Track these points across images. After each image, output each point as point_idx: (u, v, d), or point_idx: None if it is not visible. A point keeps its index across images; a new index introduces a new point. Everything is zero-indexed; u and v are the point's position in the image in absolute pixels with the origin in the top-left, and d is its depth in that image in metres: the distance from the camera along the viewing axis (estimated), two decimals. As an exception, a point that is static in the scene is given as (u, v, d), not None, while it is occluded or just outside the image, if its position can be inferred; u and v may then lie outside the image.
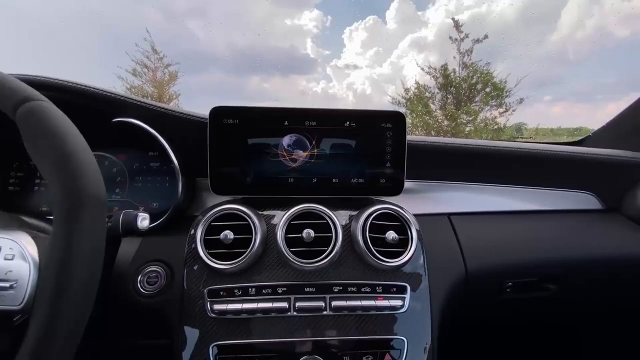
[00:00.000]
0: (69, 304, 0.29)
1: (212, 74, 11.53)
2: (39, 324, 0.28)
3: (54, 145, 0.30)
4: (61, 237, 0.29)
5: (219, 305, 0.46)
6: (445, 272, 0.55)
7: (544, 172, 0.69)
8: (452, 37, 6.01)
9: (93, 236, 0.31)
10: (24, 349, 0.28)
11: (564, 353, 0.97)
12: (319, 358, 0.44)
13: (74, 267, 0.29)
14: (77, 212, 0.30)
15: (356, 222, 0.51)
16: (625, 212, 0.68)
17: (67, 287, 0.28)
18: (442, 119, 5.88)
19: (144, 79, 5.31)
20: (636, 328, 0.83)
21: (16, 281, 0.30)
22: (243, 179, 0.55)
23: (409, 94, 6.29)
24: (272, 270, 0.49)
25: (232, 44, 10.94)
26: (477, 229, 0.62)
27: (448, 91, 6.07)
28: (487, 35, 5.82)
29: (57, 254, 0.29)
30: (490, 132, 5.54)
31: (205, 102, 11.03)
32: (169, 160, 0.58)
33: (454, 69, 6.07)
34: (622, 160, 0.69)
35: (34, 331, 0.28)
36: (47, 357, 0.28)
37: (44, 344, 0.27)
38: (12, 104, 0.32)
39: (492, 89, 5.82)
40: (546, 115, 11.11)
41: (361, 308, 0.47)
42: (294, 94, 11.53)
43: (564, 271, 0.62)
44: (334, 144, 0.56)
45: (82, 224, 0.30)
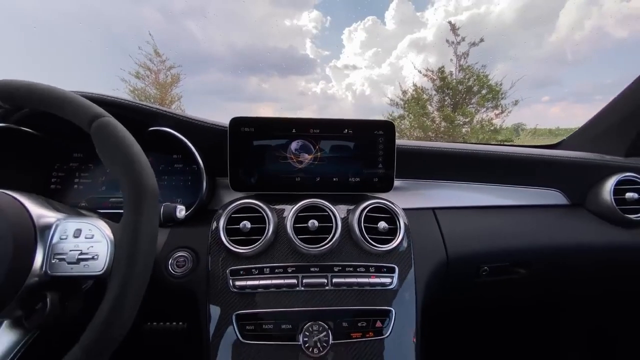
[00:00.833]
0: (137, 271, 0.38)
1: (211, 74, 11.58)
2: (116, 285, 0.37)
3: (122, 153, 0.40)
4: (131, 221, 0.39)
5: (239, 281, 0.56)
6: (429, 257, 0.65)
7: (518, 173, 0.79)
8: (448, 40, 6.13)
9: (152, 220, 0.40)
10: (105, 303, 0.37)
11: (535, 333, 1.07)
12: (321, 323, 0.53)
13: (140, 243, 0.39)
14: (141, 202, 0.39)
15: (353, 214, 0.61)
16: (588, 207, 0.78)
17: (136, 257, 0.38)
18: (440, 120, 6.00)
19: (147, 82, 5.41)
20: (597, 309, 0.94)
21: (97, 254, 0.40)
22: (257, 178, 0.65)
23: (406, 96, 6.42)
24: (283, 254, 0.58)
25: (231, 44, 11.00)
26: (458, 221, 0.72)
27: (445, 93, 6.19)
28: (483, 39, 5.94)
29: (128, 233, 0.38)
30: (486, 133, 5.66)
31: (205, 102, 11.07)
32: (192, 162, 0.67)
33: (450, 71, 6.20)
34: (585, 162, 0.79)
35: (112, 290, 0.37)
36: (121, 309, 0.37)
37: (120, 299, 0.37)
38: (87, 120, 0.41)
39: (488, 91, 5.94)
40: (545, 116, 11.20)
41: (357, 284, 0.57)
42: (293, 94, 11.60)
43: (533, 257, 0.72)
44: (334, 148, 0.66)
45: (144, 211, 0.39)
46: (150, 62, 5.43)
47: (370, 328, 0.55)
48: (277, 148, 0.65)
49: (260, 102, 11.46)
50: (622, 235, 0.73)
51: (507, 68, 10.43)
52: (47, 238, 0.41)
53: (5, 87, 0.42)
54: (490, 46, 12.47)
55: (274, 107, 12.85)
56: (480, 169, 0.77)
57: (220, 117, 0.68)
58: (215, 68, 11.91)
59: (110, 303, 0.37)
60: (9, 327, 0.40)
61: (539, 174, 0.79)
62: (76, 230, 0.41)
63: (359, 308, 0.56)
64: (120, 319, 0.37)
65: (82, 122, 0.42)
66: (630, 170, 0.76)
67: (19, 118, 0.62)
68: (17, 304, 0.39)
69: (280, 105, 12.25)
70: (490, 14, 11.62)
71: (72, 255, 0.40)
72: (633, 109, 0.84)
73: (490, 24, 10.77)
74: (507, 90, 5.78)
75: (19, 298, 0.38)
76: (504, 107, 5.84)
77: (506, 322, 1.08)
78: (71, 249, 0.40)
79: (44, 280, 0.40)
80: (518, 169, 0.78)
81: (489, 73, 5.96)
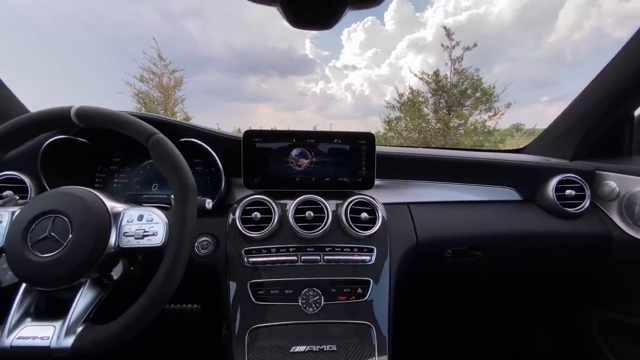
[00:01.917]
0: (184, 243, 0.54)
1: (210, 75, 11.67)
2: (171, 253, 0.53)
3: (172, 161, 0.56)
4: (179, 209, 0.55)
5: (252, 258, 0.72)
6: (402, 241, 0.81)
7: (479, 174, 0.95)
8: (443, 45, 6.31)
9: (193, 209, 0.57)
10: (163, 265, 0.53)
11: (492, 309, 1.26)
12: (316, 289, 0.70)
13: (186, 224, 0.55)
14: (187, 196, 0.56)
15: (341, 207, 0.77)
16: (537, 202, 0.95)
17: (184, 234, 0.54)
18: (435, 122, 6.17)
19: (151, 85, 5.58)
20: (543, 287, 1.11)
21: (156, 232, 0.56)
22: (265, 178, 0.81)
23: (402, 99, 6.59)
24: (286, 237, 0.75)
25: (230, 44, 11.11)
26: (427, 213, 0.88)
27: (440, 96, 6.37)
28: (476, 44, 6.12)
29: (178, 218, 0.55)
30: (479, 135, 5.84)
31: (205, 101, 11.11)
32: (211, 165, 0.83)
33: (445, 74, 6.38)
34: (534, 165, 0.95)
35: (168, 256, 0.53)
36: (174, 269, 0.53)
37: (174, 263, 0.53)
38: (145, 137, 0.58)
39: (482, 94, 6.13)
40: (544, 116, 11.33)
41: (343, 261, 0.73)
42: (293, 94, 11.72)
43: (488, 243, 0.88)
44: (326, 154, 0.82)
45: (188, 202, 0.56)
46: (154, 66, 5.60)
47: (353, 293, 0.71)
48: (281, 154, 0.81)
49: (259, 102, 11.58)
50: (562, 225, 0.90)
51: (506, 68, 10.59)
52: (118, 221, 0.57)
53: (83, 112, 0.58)
54: (489, 47, 12.58)
55: (273, 107, 12.96)
56: (448, 171, 0.94)
57: (220, 117, 0.86)
58: (214, 68, 12.04)
59: (167, 265, 0.53)
60: (91, 285, 0.56)
61: (497, 175, 0.95)
62: (139, 216, 0.57)
63: (345, 278, 0.72)
64: (174, 276, 0.53)
65: (141, 138, 0.58)
66: (571, 172, 0.92)
67: (76, 132, 0.78)
68: (97, 269, 0.55)
69: (279, 105, 12.37)
70: (489, 14, 11.77)
71: (139, 232, 0.56)
72: (577, 118, 1.01)
73: (490, 24, 10.90)
74: (500, 94, 5.97)
75: (99, 265, 0.55)
76: (497, 110, 6.03)
77: (467, 298, 1.28)
78: (137, 228, 0.56)
79: (117, 252, 0.56)
80: (479, 171, 0.95)
81: (482, 77, 6.16)
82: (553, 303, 1.16)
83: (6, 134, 0.58)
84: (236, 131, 1.00)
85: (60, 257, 0.52)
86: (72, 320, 0.53)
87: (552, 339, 1.18)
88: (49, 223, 0.53)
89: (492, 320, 1.35)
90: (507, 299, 1.29)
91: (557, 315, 1.16)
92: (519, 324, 1.29)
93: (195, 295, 1.24)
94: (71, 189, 0.58)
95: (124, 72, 5.63)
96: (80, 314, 0.53)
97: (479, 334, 1.36)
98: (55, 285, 0.53)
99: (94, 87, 5.54)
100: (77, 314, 0.53)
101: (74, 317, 0.53)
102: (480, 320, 1.36)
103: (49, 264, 0.52)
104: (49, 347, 0.50)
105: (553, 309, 1.17)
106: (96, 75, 8.29)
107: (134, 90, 5.59)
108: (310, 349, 0.66)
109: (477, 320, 1.36)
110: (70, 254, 0.52)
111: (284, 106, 12.71)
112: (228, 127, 12.14)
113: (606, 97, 0.91)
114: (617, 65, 0.88)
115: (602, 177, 0.92)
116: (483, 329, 1.36)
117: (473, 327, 1.35)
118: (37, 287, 0.55)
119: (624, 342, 0.93)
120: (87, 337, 0.52)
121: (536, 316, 1.24)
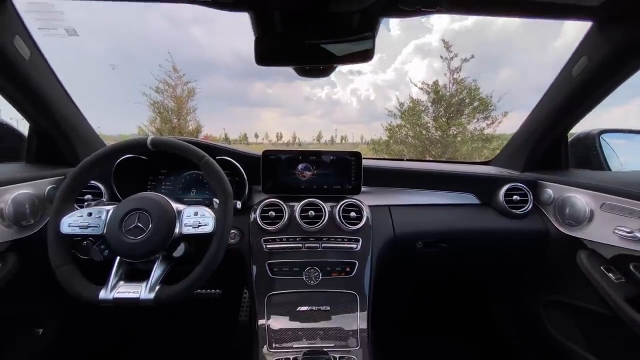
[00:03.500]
0: (226, 231, 0.80)
1: (216, 80, 12.03)
2: (217, 238, 0.79)
3: (217, 176, 0.83)
4: (223, 208, 0.81)
5: (269, 245, 0.98)
6: (382, 234, 1.06)
7: (446, 183, 1.20)
8: (442, 57, 6.58)
9: (231, 208, 0.82)
10: (212, 245, 0.79)
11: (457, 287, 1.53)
12: (316, 268, 0.95)
13: (227, 219, 0.81)
14: (227, 200, 0.82)
15: (335, 208, 1.03)
16: (492, 205, 1.19)
17: (226, 226, 0.80)
18: (434, 130, 6.42)
19: (165, 95, 5.93)
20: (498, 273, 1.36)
21: (207, 223, 0.82)
22: (278, 186, 1.07)
23: (403, 107, 6.86)
24: (293, 230, 1.00)
25: (238, 50, 11.48)
26: (403, 213, 1.13)
27: (440, 105, 6.63)
28: (473, 55, 6.37)
29: (221, 214, 0.81)
30: (476, 142, 6.07)
31: (212, 106, 11.48)
32: (236, 175, 1.09)
33: (444, 84, 6.65)
34: (490, 176, 1.20)
35: (215, 240, 0.79)
36: (219, 248, 0.79)
37: (219, 244, 0.79)
38: (198, 159, 0.84)
39: (480, 104, 6.37)
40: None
41: (337, 248, 0.98)
42: (299, 99, 12.01)
43: (451, 237, 1.13)
44: (324, 168, 1.08)
45: (228, 204, 0.82)
46: (169, 78, 5.96)
47: (343, 271, 0.97)
48: (290, 168, 1.07)
49: (265, 107, 11.89)
50: (511, 223, 1.14)
51: (512, 72, 10.73)
52: (181, 216, 0.83)
53: (156, 141, 0.85)
54: (495, 52, 12.70)
55: (279, 111, 13.27)
56: (421, 180, 1.19)
57: (226, 121, 1.12)
58: (222, 74, 12.44)
59: (215, 245, 0.79)
60: (162, 260, 0.82)
61: (460, 184, 1.20)
62: (195, 212, 0.83)
63: (337, 260, 0.98)
64: (219, 253, 0.79)
65: (196, 159, 0.85)
66: (518, 181, 1.17)
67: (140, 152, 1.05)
68: (166, 248, 0.81)
69: (284, 110, 12.67)
70: (495, 19, 12.01)
71: (195, 223, 0.82)
72: (526, 137, 1.25)
73: (496, 29, 11.08)
74: (496, 103, 6.20)
75: (168, 246, 0.81)
76: (494, 118, 6.26)
77: (437, 279, 1.57)
78: (194, 221, 0.82)
79: (180, 237, 0.82)
80: (446, 180, 1.20)
81: (480, 86, 6.41)
82: (506, 286, 1.41)
83: (104, 156, 0.86)
84: (242, 136, 1.29)
85: (144, 240, 0.78)
86: (152, 282, 0.78)
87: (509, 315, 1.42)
88: (136, 217, 0.80)
89: (456, 294, 1.65)
90: (469, 281, 1.56)
91: (512, 296, 1.40)
92: (481, 301, 1.56)
93: (219, 281, 1.50)
94: (150, 194, 0.84)
95: (141, 84, 6.01)
96: (157, 278, 0.79)
97: (446, 306, 1.66)
98: (140, 259, 0.79)
99: (114, 98, 5.87)
100: (155, 278, 0.79)
101: (153, 280, 0.79)
102: (447, 295, 1.65)
103: (137, 244, 0.78)
104: (138, 298, 0.76)
105: (507, 291, 1.41)
106: (115, 87, 8.72)
107: (149, 100, 5.96)
108: (311, 308, 0.91)
109: (444, 295, 1.65)
110: (150, 238, 0.78)
111: (290, 111, 13.05)
112: (234, 132, 12.12)
113: (545, 120, 1.16)
114: (552, 93, 1.12)
115: (542, 185, 1.16)
116: (450, 302, 1.66)
117: (441, 300, 1.65)
118: (128, 260, 0.81)
119: (562, 318, 1.17)
120: (163, 293, 0.77)
121: (495, 296, 1.50)
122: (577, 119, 1.10)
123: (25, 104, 0.95)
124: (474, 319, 1.62)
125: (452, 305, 1.65)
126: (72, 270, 0.78)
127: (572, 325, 1.14)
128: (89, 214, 0.82)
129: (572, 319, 1.14)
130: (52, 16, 0.75)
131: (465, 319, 1.64)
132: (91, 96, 8.16)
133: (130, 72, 11.87)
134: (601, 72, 0.88)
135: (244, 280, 1.00)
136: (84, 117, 1.14)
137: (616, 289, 0.92)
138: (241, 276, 1.05)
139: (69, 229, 0.80)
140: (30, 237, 0.95)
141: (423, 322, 1.65)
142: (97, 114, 0.94)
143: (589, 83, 0.93)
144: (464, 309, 1.65)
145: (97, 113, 1.17)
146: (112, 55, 10.37)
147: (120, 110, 6.08)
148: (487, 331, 1.56)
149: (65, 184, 0.83)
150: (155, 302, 0.76)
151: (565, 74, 1.00)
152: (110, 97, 8.60)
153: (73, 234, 0.81)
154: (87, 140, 1.15)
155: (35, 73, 0.89)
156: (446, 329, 1.62)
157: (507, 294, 1.45)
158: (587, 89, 0.96)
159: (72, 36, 0.81)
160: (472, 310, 1.63)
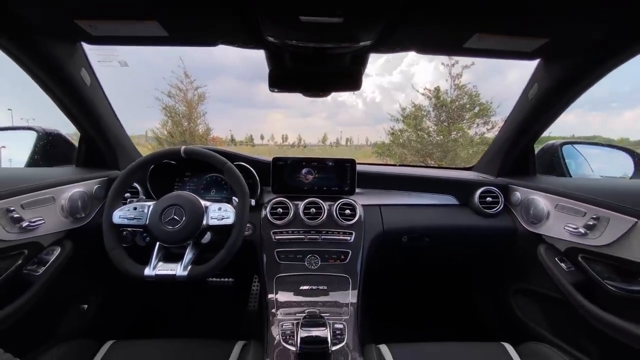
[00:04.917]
0: (244, 224, 1.00)
1: (222, 82, 12.28)
2: (237, 229, 0.99)
3: (237, 179, 1.03)
4: (241, 205, 1.01)
5: (277, 236, 1.18)
6: (372, 229, 1.26)
7: (429, 186, 1.39)
8: (444, 63, 6.76)
9: (247, 205, 1.03)
10: (233, 234, 0.99)
11: (439, 280, 1.75)
12: (316, 255, 1.15)
13: (244, 213, 1.01)
14: (245, 198, 1.02)
15: (333, 206, 1.22)
16: (469, 206, 1.38)
17: (243, 219, 1.00)
18: (435, 134, 6.59)
19: (176, 99, 6.20)
20: (474, 264, 1.55)
21: (229, 217, 1.02)
22: (285, 187, 1.28)
23: (405, 112, 7.05)
24: (297, 224, 1.20)
25: (245, 54, 11.68)
26: (392, 212, 1.33)
27: (441, 110, 6.80)
28: (474, 62, 6.52)
29: (240, 209, 1.01)
30: (475, 146, 6.22)
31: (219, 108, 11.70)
32: (249, 178, 1.30)
33: (446, 90, 6.82)
34: (468, 181, 1.39)
35: (235, 230, 0.99)
36: (238, 238, 0.99)
37: (238, 233, 0.99)
38: (221, 165, 1.05)
39: (480, 109, 6.53)
40: (558, 125, 11.54)
41: (334, 239, 1.18)
42: (304, 101, 12.17)
43: (433, 232, 1.32)
44: (324, 172, 1.28)
45: (245, 201, 1.02)
46: (181, 83, 6.23)
47: (338, 258, 1.16)
48: (295, 172, 1.27)
49: (271, 109, 12.10)
50: (485, 221, 1.33)
51: (519, 76, 10.87)
52: (208, 211, 1.03)
53: (188, 150, 1.06)
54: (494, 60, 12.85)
55: (284, 113, 13.47)
56: (407, 184, 1.39)
57: (233, 123, 1.32)
58: (225, 74, 12.67)
59: (235, 234, 0.99)
60: (193, 245, 1.02)
61: (442, 187, 1.39)
62: (219, 207, 1.04)
63: (334, 250, 1.17)
64: (238, 240, 0.98)
65: (219, 165, 1.05)
66: (491, 185, 1.35)
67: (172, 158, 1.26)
68: (196, 236, 1.01)
69: (290, 111, 12.86)
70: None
71: (219, 216, 1.02)
72: (501, 145, 1.44)
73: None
74: (496, 109, 6.36)
75: (197, 234, 1.01)
76: (494, 123, 6.41)
77: (421, 268, 1.77)
78: (218, 214, 1.03)
79: (207, 227, 1.02)
80: (429, 184, 1.39)
81: (479, 92, 6.56)
82: (483, 277, 1.60)
83: (146, 162, 1.07)
84: (248, 138, 1.50)
85: (179, 229, 0.99)
86: (185, 262, 0.98)
87: (490, 304, 1.61)
88: (173, 210, 1.00)
89: (437, 281, 1.85)
90: (448, 268, 1.77)
91: (490, 286, 1.59)
92: (465, 292, 1.75)
93: (231, 270, 1.70)
94: (183, 193, 1.05)
95: (153, 89, 6.30)
96: (189, 260, 0.99)
97: (428, 290, 1.87)
98: (176, 244, 1.00)
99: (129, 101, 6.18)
100: (187, 259, 0.99)
101: (186, 261, 0.99)
102: (429, 282, 1.86)
103: (173, 232, 0.98)
104: (175, 275, 0.96)
105: (485, 281, 1.60)
106: (129, 92, 9.02)
107: (162, 105, 6.24)
108: (311, 287, 1.11)
109: (426, 282, 1.86)
110: (184, 227, 0.99)
111: (295, 112, 13.26)
112: (241, 133, 12.10)
113: (512, 133, 1.34)
114: (516, 111, 1.30)
115: (512, 189, 1.35)
116: (431, 288, 1.87)
117: (424, 286, 1.85)
118: (166, 245, 1.01)
119: (528, 304, 1.35)
120: (194, 271, 0.97)
121: (477, 287, 1.70)
122: (537, 134, 1.28)
123: (81, 119, 1.16)
124: (453, 301, 1.84)
125: (434, 291, 1.86)
126: (121, 253, 0.99)
127: (537, 310, 1.32)
128: (134, 208, 1.03)
129: (536, 304, 1.32)
130: (110, 52, 0.96)
131: (446, 302, 1.85)
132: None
133: (140, 76, 12.22)
134: (548, 98, 1.08)
135: (255, 266, 1.20)
136: (124, 129, 1.36)
137: (567, 276, 1.11)
138: (250, 267, 1.25)
139: (119, 219, 1.01)
140: (82, 227, 1.16)
141: (408, 304, 1.85)
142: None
143: (540, 106, 1.12)
144: (445, 294, 1.85)
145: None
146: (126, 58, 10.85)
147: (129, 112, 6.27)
148: (463, 311, 1.77)
149: (116, 183, 1.04)
150: (189, 278, 0.97)
151: (524, 96, 1.20)
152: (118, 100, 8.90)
153: (122, 223, 1.01)
154: (126, 148, 1.36)
155: (93, 96, 1.10)
156: (428, 306, 1.84)
157: (486, 285, 1.64)
158: (539, 111, 1.15)
159: (124, 67, 1.02)
160: (451, 294, 1.85)
